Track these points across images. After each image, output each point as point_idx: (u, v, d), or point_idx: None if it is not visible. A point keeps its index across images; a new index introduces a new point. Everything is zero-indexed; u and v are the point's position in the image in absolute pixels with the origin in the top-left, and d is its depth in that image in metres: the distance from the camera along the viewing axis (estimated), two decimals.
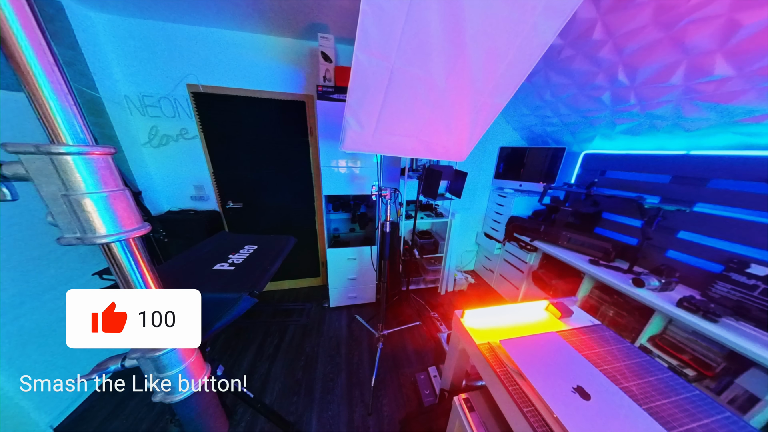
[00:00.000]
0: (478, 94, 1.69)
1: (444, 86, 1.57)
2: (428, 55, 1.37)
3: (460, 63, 1.45)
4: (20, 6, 0.36)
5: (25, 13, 0.37)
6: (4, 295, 1.66)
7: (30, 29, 0.38)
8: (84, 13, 2.37)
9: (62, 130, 0.43)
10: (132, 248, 0.52)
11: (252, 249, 1.23)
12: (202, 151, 3.24)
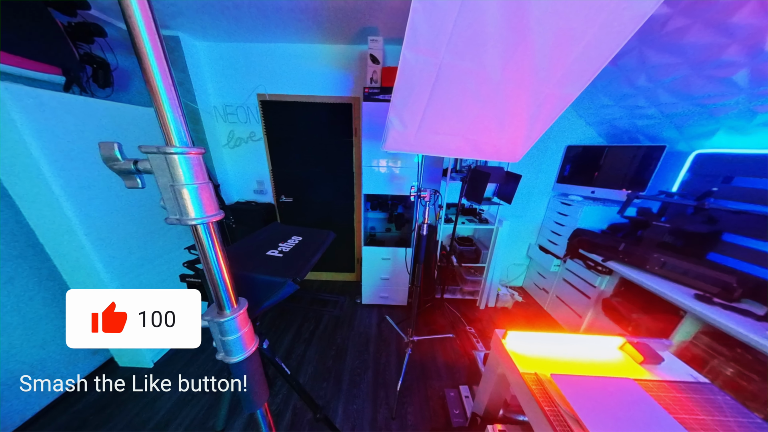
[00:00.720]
0: (542, 85, 0.80)
1: (499, 78, 0.79)
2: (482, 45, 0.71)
3: (521, 50, 0.71)
4: (156, 45, 0.27)
5: (159, 50, 0.28)
6: (132, 257, 1.31)
7: (160, 61, 0.28)
8: (192, 43, 1.65)
9: (173, 135, 0.31)
10: (210, 230, 0.35)
11: (298, 240, 0.76)
12: (264, 152, 2.06)
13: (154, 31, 0.28)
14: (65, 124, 1.05)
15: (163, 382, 0.67)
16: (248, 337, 0.47)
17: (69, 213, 1.07)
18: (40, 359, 1.20)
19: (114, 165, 0.33)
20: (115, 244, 1.25)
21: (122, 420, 1.18)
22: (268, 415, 0.58)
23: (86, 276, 1.22)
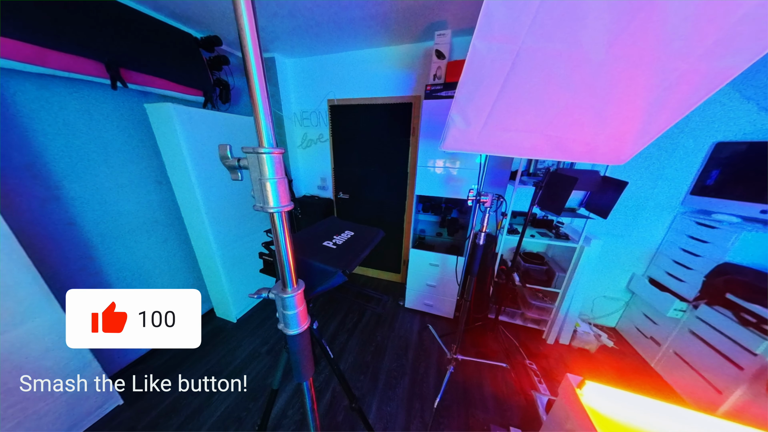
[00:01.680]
0: (676, 60, 0.59)
1: (602, 59, 0.64)
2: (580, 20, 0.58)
3: (642, 18, 0.55)
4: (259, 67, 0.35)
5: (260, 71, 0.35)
6: (231, 234, 1.69)
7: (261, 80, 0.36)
8: (283, 61, 2.01)
9: (264, 138, 0.38)
10: (282, 218, 0.42)
11: (350, 234, 0.82)
12: (329, 152, 2.30)
13: (258, 57, 0.37)
14: (201, 131, 1.47)
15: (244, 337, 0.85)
16: (302, 316, 0.55)
17: (198, 196, 1.50)
18: None
19: (225, 162, 0.44)
20: (222, 223, 1.67)
21: (216, 356, 1.59)
22: (312, 389, 0.66)
23: (204, 244, 1.68)
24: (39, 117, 1.10)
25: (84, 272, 1.30)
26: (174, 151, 1.42)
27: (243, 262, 1.86)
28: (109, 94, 1.29)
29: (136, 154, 1.45)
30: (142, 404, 1.30)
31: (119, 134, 1.37)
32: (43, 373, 1.01)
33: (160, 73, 1.39)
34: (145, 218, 1.54)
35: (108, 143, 1.33)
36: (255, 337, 1.78)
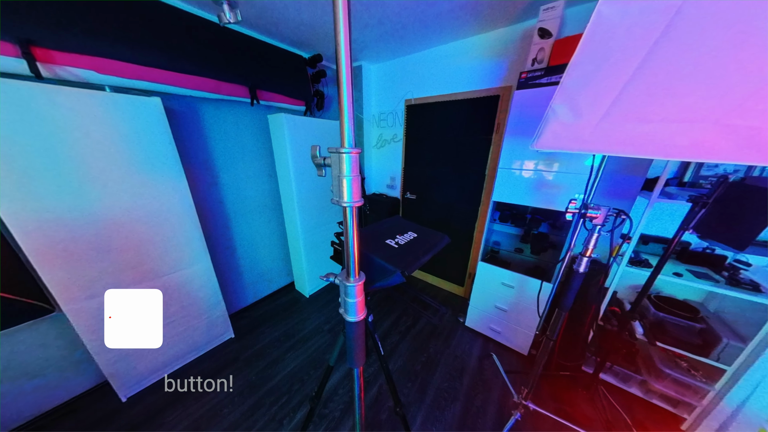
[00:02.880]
0: None
1: None
2: None
3: None
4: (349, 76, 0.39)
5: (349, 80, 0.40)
6: (312, 221, 2.00)
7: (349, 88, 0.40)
8: (368, 67, 2.24)
9: (346, 139, 0.43)
10: (353, 213, 0.47)
11: (413, 236, 0.84)
12: (401, 151, 2.38)
13: (349, 68, 0.42)
14: (300, 134, 1.82)
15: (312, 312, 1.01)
16: (360, 306, 0.59)
17: (293, 188, 1.88)
18: (269, 268, 2.25)
19: (314, 160, 0.53)
20: (307, 211, 2.03)
21: (291, 321, 1.96)
22: (361, 378, 0.70)
23: (293, 227, 2.09)
24: (211, 128, 1.66)
25: (223, 237, 1.88)
26: (281, 151, 1.83)
27: (319, 247, 2.20)
28: (248, 109, 1.79)
29: (259, 153, 1.95)
30: (243, 342, 1.77)
31: (251, 138, 1.88)
32: (197, 302, 1.54)
33: (279, 90, 1.82)
34: (259, 203, 2.05)
35: (245, 145, 1.86)
36: (321, 314, 2.07)
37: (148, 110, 1.17)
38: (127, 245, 1.21)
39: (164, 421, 1.24)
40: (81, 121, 1.02)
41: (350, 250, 0.53)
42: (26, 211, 0.96)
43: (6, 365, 1.12)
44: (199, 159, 1.62)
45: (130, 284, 1.25)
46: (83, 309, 1.13)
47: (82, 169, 1.05)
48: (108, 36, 1.08)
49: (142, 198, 1.23)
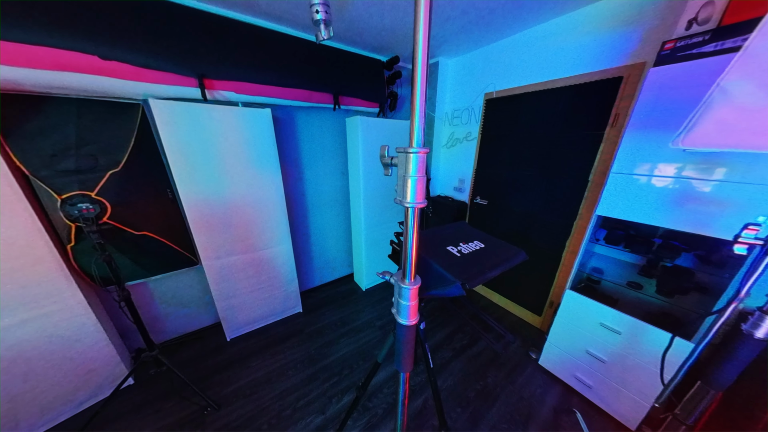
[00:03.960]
0: None
1: None
2: None
3: None
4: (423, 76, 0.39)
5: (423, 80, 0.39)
6: (374, 219, 2.14)
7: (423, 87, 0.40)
8: (445, 63, 2.20)
9: (414, 139, 0.43)
10: (414, 214, 0.47)
11: (479, 246, 0.78)
12: (473, 151, 2.21)
13: (425, 67, 0.42)
14: (372, 135, 1.96)
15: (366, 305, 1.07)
16: (413, 310, 0.59)
17: (361, 186, 2.04)
18: (334, 258, 2.54)
19: (382, 160, 0.56)
20: (372, 209, 2.17)
21: (348, 310, 2.16)
22: (407, 384, 0.70)
23: (357, 222, 2.28)
24: (302, 131, 2.00)
25: (302, 225, 2.24)
26: (354, 151, 2.02)
27: (379, 245, 2.32)
28: (330, 114, 2.07)
29: (336, 153, 2.22)
30: (308, 318, 2.06)
31: (331, 139, 2.16)
32: (279, 276, 1.90)
33: (357, 94, 2.01)
34: (331, 197, 2.34)
35: (325, 146, 2.15)
36: (374, 309, 2.18)
37: (261, 119, 1.53)
38: (240, 223, 1.62)
39: (250, 365, 1.61)
40: (223, 129, 1.43)
41: (408, 252, 0.54)
42: (191, 192, 1.42)
43: (172, 294, 1.71)
44: (291, 158, 1.99)
45: (240, 253, 1.67)
46: (213, 266, 1.59)
47: (220, 164, 1.47)
48: (243, 64, 1.47)
49: (252, 188, 1.61)
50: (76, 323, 1.21)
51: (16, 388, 1.12)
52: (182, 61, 1.28)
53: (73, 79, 1.10)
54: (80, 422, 1.22)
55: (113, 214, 1.33)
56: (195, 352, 1.69)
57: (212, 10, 1.40)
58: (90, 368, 1.29)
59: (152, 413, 1.31)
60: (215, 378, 1.50)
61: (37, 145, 1.11)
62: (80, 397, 1.29)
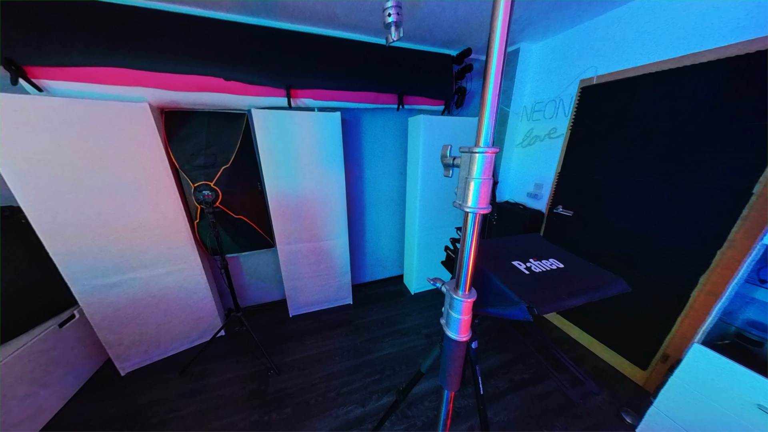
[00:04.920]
0: None
1: None
2: None
3: None
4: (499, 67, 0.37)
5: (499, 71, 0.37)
6: (431, 221, 2.13)
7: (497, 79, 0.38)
8: (528, 48, 1.97)
9: (482, 137, 0.41)
10: (475, 220, 0.45)
11: (556, 265, 0.70)
12: (558, 151, 1.88)
13: (502, 56, 0.38)
14: (434, 134, 1.92)
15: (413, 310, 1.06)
16: (464, 326, 0.55)
17: (418, 186, 2.04)
18: (386, 256, 2.61)
19: (443, 160, 0.54)
20: (427, 211, 2.14)
21: (394, 311, 2.19)
22: (450, 404, 0.65)
23: (411, 224, 2.28)
24: (365, 132, 2.13)
25: (358, 222, 2.40)
26: (414, 150, 2.03)
27: (432, 249, 2.26)
28: (393, 114, 2.13)
29: (396, 152, 2.27)
30: (357, 311, 2.19)
31: (392, 139, 2.23)
32: (335, 267, 2.09)
33: (422, 93, 2.00)
34: (388, 197, 2.41)
35: (386, 146, 2.24)
36: (421, 316, 2.14)
37: (332, 122, 1.71)
38: (308, 214, 1.87)
39: (305, 342, 1.83)
40: (301, 132, 1.67)
41: (464, 261, 0.50)
42: (274, 186, 1.72)
43: (254, 269, 2.12)
44: (354, 157, 2.16)
45: (305, 241, 1.92)
46: (284, 250, 1.88)
47: (296, 162, 1.72)
48: (322, 74, 1.67)
49: (319, 184, 1.82)
50: (195, 280, 1.64)
51: (160, 319, 1.60)
52: (276, 76, 1.56)
53: (207, 97, 1.49)
54: (190, 356, 1.65)
55: (222, 200, 1.74)
56: (265, 320, 2.04)
57: (301, 28, 1.65)
58: (200, 316, 1.74)
59: (234, 362, 1.65)
60: (278, 346, 1.77)
61: (183, 147, 1.56)
62: (193, 336, 1.75)
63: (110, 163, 1.28)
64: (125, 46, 1.27)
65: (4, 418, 1.09)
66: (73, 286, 1.32)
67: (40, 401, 1.25)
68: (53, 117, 1.14)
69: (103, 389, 1.47)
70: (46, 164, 1.16)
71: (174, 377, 1.54)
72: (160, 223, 1.46)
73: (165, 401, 1.40)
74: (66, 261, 1.28)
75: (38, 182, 1.16)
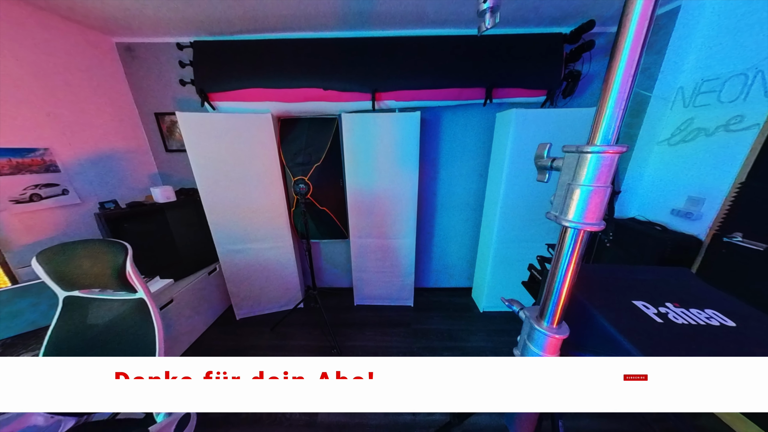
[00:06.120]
0: None
1: None
2: None
3: None
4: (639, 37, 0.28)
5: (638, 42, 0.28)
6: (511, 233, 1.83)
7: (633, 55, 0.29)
8: (696, 5, 1.45)
9: (600, 132, 0.33)
10: (577, 238, 0.37)
11: (720, 321, 0.49)
12: (743, 150, 1.29)
13: (645, 23, 0.28)
14: (529, 130, 1.66)
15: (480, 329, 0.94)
16: None
17: (501, 191, 1.81)
18: (454, 264, 2.46)
19: (538, 161, 0.45)
20: (509, 220, 1.88)
21: (458, 325, 2.04)
22: None
23: (487, 233, 2.06)
24: (444, 131, 2.06)
25: (427, 224, 2.36)
26: (500, 150, 1.81)
27: (511, 264, 1.98)
28: (478, 110, 1.96)
29: (477, 152, 2.09)
30: (416, 315, 2.17)
31: (473, 138, 2.07)
32: (399, 266, 2.13)
33: (516, 84, 1.76)
34: (462, 200, 2.26)
35: (466, 145, 2.10)
36: (489, 338, 1.91)
37: (411, 122, 1.75)
38: (379, 212, 1.98)
39: (364, 333, 1.96)
40: (380, 132, 1.79)
41: (555, 287, 0.41)
42: (353, 183, 1.91)
43: (330, 256, 2.43)
44: (429, 157, 2.13)
45: (374, 237, 2.05)
46: (356, 242, 2.07)
47: (374, 161, 1.85)
48: (405, 75, 1.73)
49: (393, 183, 1.90)
50: (287, 257, 2.04)
51: (262, 283, 2.07)
52: (364, 81, 1.72)
53: (310, 105, 1.80)
54: (278, 318, 2.05)
55: (312, 193, 2.07)
56: (334, 303, 2.31)
57: (389, 33, 1.75)
58: (287, 287, 2.14)
59: (307, 333, 1.95)
60: (342, 330, 1.97)
61: (289, 147, 1.95)
62: (281, 302, 2.18)
63: (245, 160, 1.74)
64: (261, 71, 1.71)
65: (176, 328, 1.68)
66: (218, 248, 1.88)
67: (194, 323, 1.86)
68: (218, 127, 1.65)
69: (225, 327, 2.04)
70: (212, 160, 1.69)
71: (266, 331, 1.96)
72: (269, 208, 1.89)
73: (259, 348, 1.82)
74: (215, 229, 1.84)
75: (207, 173, 1.71)
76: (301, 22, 1.62)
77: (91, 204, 1.62)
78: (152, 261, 1.57)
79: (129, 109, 1.92)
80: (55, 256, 0.76)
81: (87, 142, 1.66)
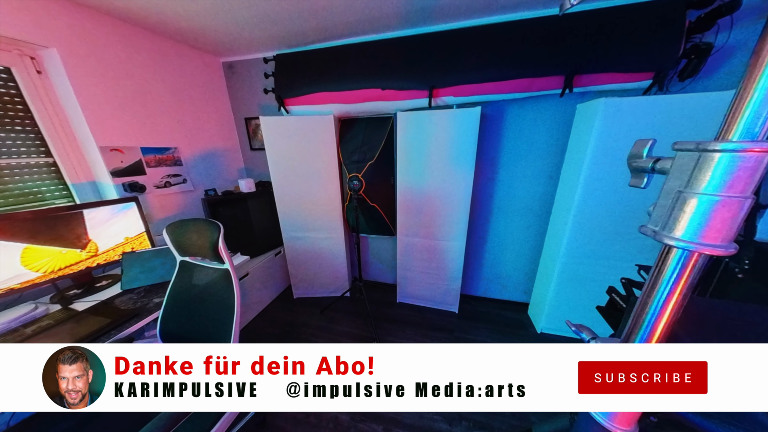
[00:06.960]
0: None
1: None
2: None
3: None
4: None
5: None
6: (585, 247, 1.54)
7: None
8: None
9: (736, 125, 0.25)
10: (688, 263, 0.28)
11: None
12: None
13: None
14: (623, 124, 1.36)
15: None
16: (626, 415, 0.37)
17: (576, 197, 1.54)
18: (508, 275, 2.23)
19: (633, 162, 0.37)
20: (584, 231, 1.58)
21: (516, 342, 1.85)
22: None
23: (554, 244, 1.79)
24: (509, 127, 1.87)
25: (480, 228, 2.19)
26: (579, 148, 1.54)
27: (582, 284, 1.67)
28: (554, 102, 1.70)
29: (548, 151, 1.83)
30: (461, 323, 2.06)
31: (543, 135, 1.81)
32: (445, 269, 2.06)
33: (609, 67, 1.45)
34: (525, 205, 2.02)
35: (534, 142, 1.85)
36: None
37: (469, 118, 1.65)
38: (428, 212, 1.95)
39: (405, 331, 1.98)
40: (435, 130, 1.74)
41: (647, 319, 0.33)
42: (403, 181, 1.93)
43: (377, 251, 2.52)
44: (488, 156, 1.97)
45: (421, 237, 2.03)
46: (402, 240, 2.09)
47: (426, 160, 1.82)
48: (467, 68, 1.64)
49: (445, 182, 1.84)
50: (338, 248, 2.21)
51: (316, 269, 2.31)
52: (421, 79, 1.70)
53: (368, 106, 1.89)
54: (327, 303, 2.25)
55: (364, 189, 2.18)
56: (377, 297, 2.39)
57: (452, 26, 1.67)
58: (336, 276, 2.32)
59: (351, 320, 2.08)
60: (383, 324, 2.03)
61: (347, 146, 2.09)
62: (330, 288, 2.39)
63: (309, 157, 1.95)
64: (326, 75, 1.88)
65: (249, 297, 2.03)
66: (283, 233, 2.20)
67: (261, 295, 2.21)
68: (290, 128, 1.91)
69: (285, 303, 2.35)
70: (283, 158, 1.96)
71: (317, 313, 2.18)
72: (326, 202, 2.07)
73: (309, 326, 2.03)
74: (282, 217, 2.14)
75: (279, 168, 2.00)
76: (365, 26, 1.70)
77: (200, 191, 2.08)
78: (235, 239, 1.92)
79: (228, 115, 2.38)
80: (176, 229, 1.02)
81: (200, 142, 2.13)
